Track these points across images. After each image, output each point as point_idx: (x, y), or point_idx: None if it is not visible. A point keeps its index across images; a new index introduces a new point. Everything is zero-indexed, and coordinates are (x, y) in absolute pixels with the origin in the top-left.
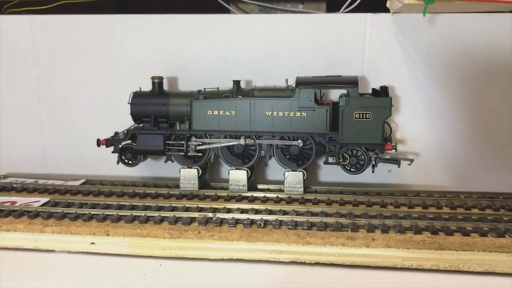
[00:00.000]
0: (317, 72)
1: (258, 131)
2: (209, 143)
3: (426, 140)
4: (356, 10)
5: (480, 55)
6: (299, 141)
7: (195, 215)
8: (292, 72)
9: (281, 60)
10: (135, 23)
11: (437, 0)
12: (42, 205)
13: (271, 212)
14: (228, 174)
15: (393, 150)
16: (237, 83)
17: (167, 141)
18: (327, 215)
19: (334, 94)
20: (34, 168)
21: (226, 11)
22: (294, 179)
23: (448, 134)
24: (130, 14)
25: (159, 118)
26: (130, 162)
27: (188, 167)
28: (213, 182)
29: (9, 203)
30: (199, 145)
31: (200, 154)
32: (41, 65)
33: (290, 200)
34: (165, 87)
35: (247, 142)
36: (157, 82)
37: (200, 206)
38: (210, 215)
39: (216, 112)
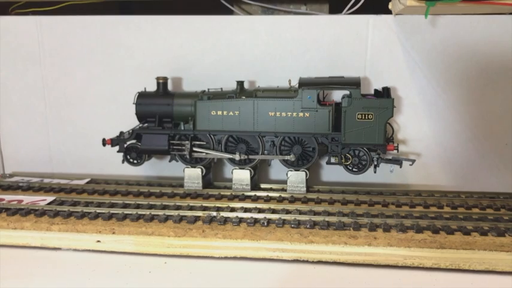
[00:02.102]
0: (320, 73)
1: (261, 131)
2: (205, 153)
3: (427, 141)
4: (358, 12)
5: (481, 56)
6: (291, 155)
7: (199, 213)
8: (295, 73)
9: (284, 61)
10: (140, 24)
11: (439, 3)
12: (49, 204)
13: (274, 211)
14: (232, 173)
15: (395, 151)
16: (240, 83)
17: (171, 141)
18: (329, 214)
19: (337, 95)
20: (39, 167)
21: (230, 12)
22: (296, 179)
23: (449, 135)
24: (134, 15)
25: (164, 118)
26: (135, 161)
27: (192, 167)
28: (217, 182)
29: (16, 202)
30: (196, 151)
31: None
32: (47, 66)
33: (293, 200)
34: (170, 87)
35: (241, 158)
36: (162, 82)
37: (204, 205)
38: (214, 213)
39: (219, 112)
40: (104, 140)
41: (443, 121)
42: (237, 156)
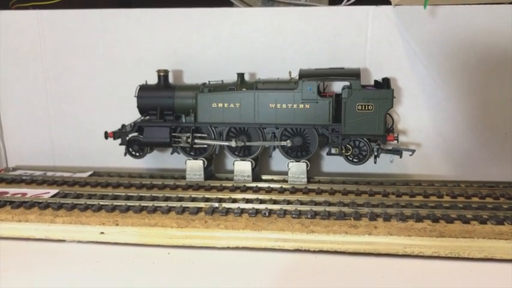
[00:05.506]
0: (320, 65)
1: (262, 123)
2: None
3: (427, 131)
4: (358, 3)
5: (481, 46)
6: (288, 141)
7: (202, 205)
8: (296, 65)
9: (284, 53)
10: (140, 17)
11: None
12: (52, 196)
13: (275, 202)
14: (233, 165)
15: (395, 141)
16: (241, 75)
17: (173, 134)
18: (330, 204)
19: (337, 86)
20: (42, 161)
21: (230, 4)
22: (297, 170)
23: (449, 125)
24: (134, 8)
25: (165, 111)
26: (137, 154)
27: (194, 159)
28: (218, 173)
29: (19, 195)
30: (194, 142)
31: (205, 146)
32: (48, 60)
33: (294, 190)
34: (171, 80)
35: (237, 144)
36: (163, 75)
37: (206, 196)
38: (216, 204)
39: (220, 105)
40: (106, 133)
41: (443, 111)
42: (233, 143)
